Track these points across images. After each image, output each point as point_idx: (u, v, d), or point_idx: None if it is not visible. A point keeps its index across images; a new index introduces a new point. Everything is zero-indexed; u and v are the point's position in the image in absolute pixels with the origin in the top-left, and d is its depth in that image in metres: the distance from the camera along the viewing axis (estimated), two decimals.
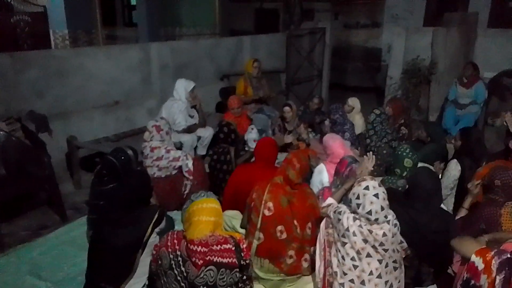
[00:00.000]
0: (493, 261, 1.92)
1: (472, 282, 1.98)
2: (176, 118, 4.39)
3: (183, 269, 1.97)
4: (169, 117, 4.30)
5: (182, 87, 4.50)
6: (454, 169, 3.30)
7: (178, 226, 2.60)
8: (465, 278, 2.02)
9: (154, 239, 2.24)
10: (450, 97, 6.06)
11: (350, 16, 10.70)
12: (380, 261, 2.12)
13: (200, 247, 1.97)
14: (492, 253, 1.95)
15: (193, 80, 4.64)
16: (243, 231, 2.64)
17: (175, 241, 2.04)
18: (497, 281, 1.89)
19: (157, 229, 2.27)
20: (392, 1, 9.75)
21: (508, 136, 3.77)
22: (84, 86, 4.76)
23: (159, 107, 4.77)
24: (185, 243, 2.01)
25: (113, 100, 5.07)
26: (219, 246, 2.01)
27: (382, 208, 2.15)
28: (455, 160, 3.38)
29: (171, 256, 2.00)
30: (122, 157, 2.70)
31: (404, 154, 2.91)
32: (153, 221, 2.23)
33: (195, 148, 4.59)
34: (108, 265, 2.20)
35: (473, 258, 2.00)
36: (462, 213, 2.76)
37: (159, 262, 2.04)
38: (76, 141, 4.41)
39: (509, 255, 1.90)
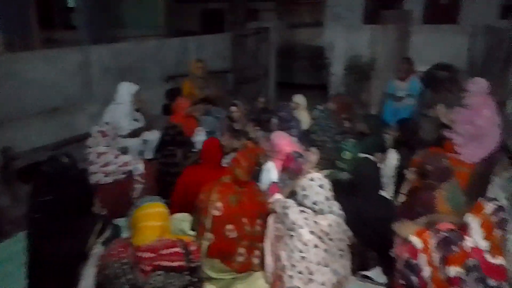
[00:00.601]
0: (431, 240, 2.05)
1: (412, 261, 2.10)
2: (120, 122, 4.26)
3: (131, 276, 1.92)
4: (113, 122, 4.16)
5: (126, 90, 4.36)
6: (392, 158, 3.48)
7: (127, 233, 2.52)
8: (406, 259, 2.14)
9: (98, 249, 2.16)
10: (388, 91, 6.36)
11: (294, 16, 10.95)
12: (326, 251, 2.19)
13: (147, 253, 1.93)
14: (429, 233, 2.09)
15: (137, 83, 4.51)
16: (194, 233, 2.62)
17: (121, 249, 1.98)
18: (435, 258, 2.02)
19: (101, 239, 2.18)
20: (333, 0, 10.07)
21: (441, 125, 4.04)
22: (20, 93, 4.46)
23: (102, 112, 4.59)
24: (132, 250, 1.96)
25: (51, 107, 4.81)
26: (167, 250, 1.97)
27: (327, 199, 2.24)
28: (393, 150, 3.57)
29: (117, 264, 1.93)
30: (57, 166, 2.56)
31: (344, 147, 3.04)
32: (96, 231, 2.14)
33: (142, 152, 4.46)
34: (50, 280, 2.09)
35: (412, 239, 2.12)
36: (401, 198, 2.92)
37: (105, 272, 1.97)
38: (11, 151, 4.13)
39: (446, 234, 2.03)
